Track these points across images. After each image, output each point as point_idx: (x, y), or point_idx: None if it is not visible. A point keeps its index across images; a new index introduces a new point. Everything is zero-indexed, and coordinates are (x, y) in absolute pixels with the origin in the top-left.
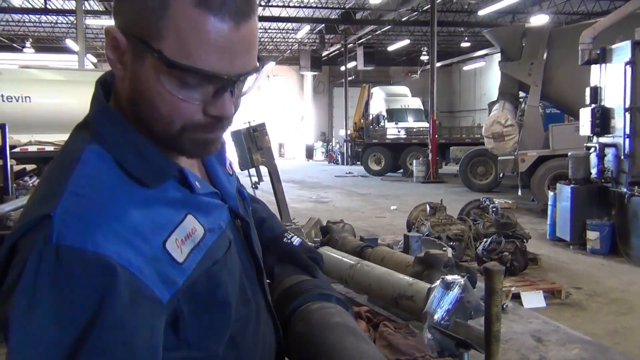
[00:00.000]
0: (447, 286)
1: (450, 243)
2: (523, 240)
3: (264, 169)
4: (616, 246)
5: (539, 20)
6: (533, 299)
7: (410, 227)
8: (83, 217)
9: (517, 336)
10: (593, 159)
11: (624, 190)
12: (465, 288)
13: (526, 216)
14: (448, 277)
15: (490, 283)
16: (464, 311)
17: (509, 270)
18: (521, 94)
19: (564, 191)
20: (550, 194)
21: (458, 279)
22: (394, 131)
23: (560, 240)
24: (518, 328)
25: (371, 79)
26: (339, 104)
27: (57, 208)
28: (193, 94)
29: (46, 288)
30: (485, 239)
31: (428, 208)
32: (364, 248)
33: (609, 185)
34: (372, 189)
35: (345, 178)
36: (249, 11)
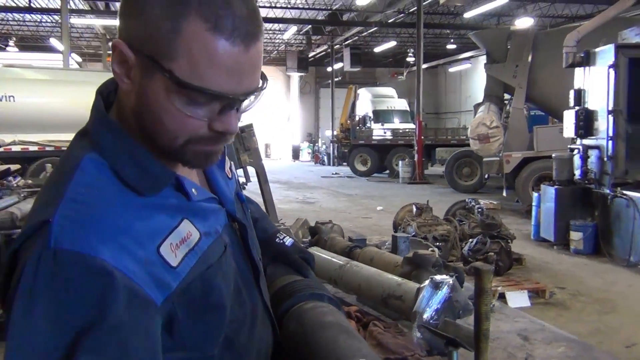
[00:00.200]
0: (436, 286)
1: (436, 243)
2: (508, 240)
3: (252, 170)
4: (599, 246)
5: (524, 23)
6: (518, 299)
7: (396, 228)
8: (80, 223)
9: (504, 335)
10: (577, 161)
11: (607, 191)
12: (453, 288)
13: (511, 217)
14: (437, 277)
15: (480, 283)
16: (453, 310)
17: (494, 270)
18: (506, 96)
19: (548, 192)
20: (534, 195)
21: (447, 279)
22: (380, 132)
23: (544, 240)
24: (505, 327)
25: (357, 80)
26: (326, 105)
27: (56, 214)
28: (200, 111)
29: (44, 291)
30: (470, 240)
31: (414, 209)
32: (353, 248)
33: (592, 186)
34: (359, 190)
35: (331, 179)
36: (257, 33)
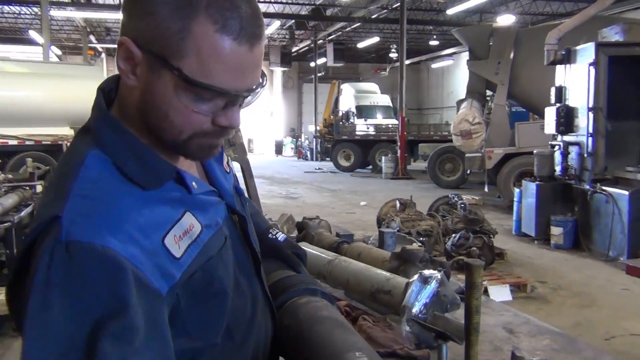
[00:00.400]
0: (425, 280)
1: (419, 238)
2: (490, 235)
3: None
4: (579, 241)
5: (506, 20)
6: (500, 293)
7: (380, 223)
8: (89, 216)
9: (490, 328)
10: (557, 157)
11: (587, 187)
12: (442, 282)
13: (493, 212)
14: (425, 272)
15: (470, 277)
16: (441, 305)
17: None
18: (488, 93)
19: (529, 188)
20: (516, 191)
21: (435, 274)
22: (363, 128)
23: (525, 235)
24: (490, 321)
25: (341, 76)
26: (309, 100)
27: (65, 209)
28: (205, 107)
29: (59, 283)
30: (454, 235)
31: (398, 204)
32: (341, 244)
33: (573, 182)
34: (342, 185)
35: (314, 174)
36: (261, 33)
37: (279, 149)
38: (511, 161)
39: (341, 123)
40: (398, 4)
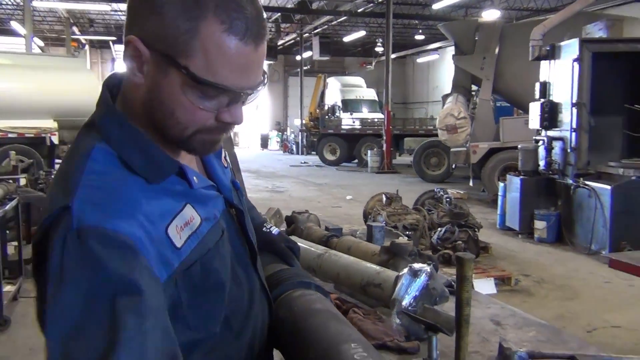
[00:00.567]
0: (415, 274)
1: (406, 232)
2: (475, 229)
3: None
4: (562, 235)
5: (491, 15)
6: (484, 286)
7: (366, 217)
8: (99, 204)
9: (478, 321)
10: (541, 152)
11: (570, 181)
12: (431, 275)
13: (477, 206)
14: (415, 265)
15: (461, 270)
16: (430, 297)
17: None
18: (474, 88)
19: (514, 182)
20: (500, 185)
21: (425, 267)
22: (349, 121)
23: (509, 229)
24: (478, 313)
25: (326, 69)
26: (294, 94)
27: (74, 199)
28: (210, 104)
29: (73, 268)
30: (439, 229)
31: (384, 198)
32: (330, 238)
33: (556, 177)
34: (328, 179)
35: (300, 168)
36: (265, 33)
37: (265, 143)
38: (496, 156)
39: (327, 117)
40: None
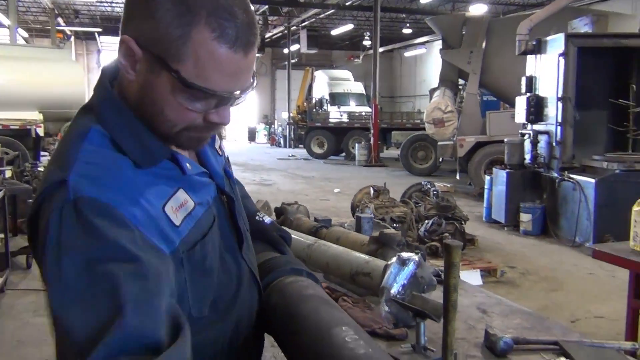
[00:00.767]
0: (403, 263)
1: (393, 225)
2: (462, 222)
3: None
4: (547, 228)
5: (478, 9)
6: (470, 278)
7: (354, 210)
8: (95, 179)
9: (465, 309)
10: (527, 145)
11: (555, 175)
12: (419, 264)
13: (464, 199)
14: (404, 254)
15: (449, 257)
16: (418, 286)
17: None
18: (461, 82)
19: (500, 176)
20: (486, 178)
21: (413, 256)
22: (337, 115)
23: (495, 222)
24: (465, 302)
25: (314, 62)
26: (282, 87)
27: (71, 173)
28: (199, 105)
29: (70, 238)
30: (426, 221)
31: (372, 191)
32: (319, 228)
33: (542, 170)
34: (315, 172)
35: (288, 161)
36: (255, 41)
37: (252, 136)
38: (482, 149)
39: (314, 110)
40: None
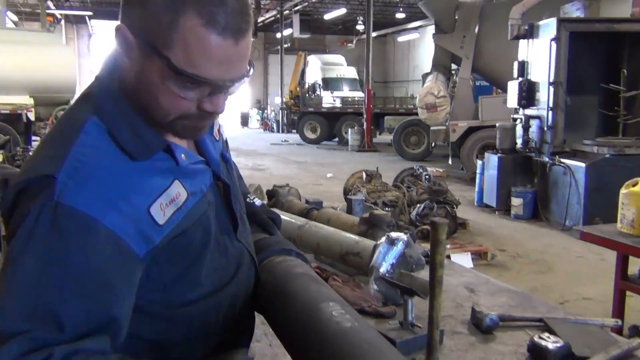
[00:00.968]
0: (392, 242)
1: (385, 209)
2: (453, 206)
3: None
4: (537, 212)
5: None
6: (461, 260)
7: (347, 194)
8: (81, 183)
9: (453, 288)
10: (519, 130)
11: (546, 159)
12: (408, 244)
13: (456, 184)
14: (392, 234)
15: (435, 234)
16: (407, 265)
17: None
18: (453, 67)
19: (491, 160)
20: (478, 163)
21: (402, 236)
22: (330, 100)
23: (487, 206)
24: (453, 281)
25: (307, 47)
26: (275, 72)
27: (61, 171)
28: (191, 93)
29: (41, 235)
30: (418, 205)
31: (364, 175)
32: (310, 210)
33: (533, 155)
34: (308, 157)
35: (281, 146)
36: (247, 28)
37: (245, 121)
38: (474, 134)
39: (307, 95)
40: None
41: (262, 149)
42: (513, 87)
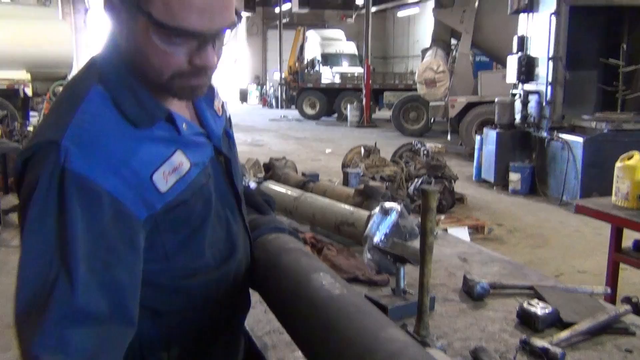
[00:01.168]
0: (385, 212)
1: (383, 183)
2: (451, 181)
3: None
4: (535, 187)
5: None
6: (458, 234)
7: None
8: (84, 148)
9: (446, 257)
10: (517, 105)
11: (544, 135)
12: (401, 214)
13: (455, 159)
14: (386, 204)
15: (425, 202)
16: (400, 234)
17: (438, 208)
18: (453, 42)
19: (490, 135)
20: (477, 139)
21: (395, 206)
22: (329, 76)
23: (485, 181)
24: (447, 251)
25: (306, 22)
26: (273, 47)
27: (64, 137)
28: (179, 48)
29: (53, 201)
30: (416, 180)
31: (363, 150)
32: (307, 182)
33: (531, 130)
34: (307, 133)
35: (280, 122)
36: None
37: (244, 97)
38: (473, 110)
39: (306, 71)
40: None
41: (261, 125)
42: (512, 62)
